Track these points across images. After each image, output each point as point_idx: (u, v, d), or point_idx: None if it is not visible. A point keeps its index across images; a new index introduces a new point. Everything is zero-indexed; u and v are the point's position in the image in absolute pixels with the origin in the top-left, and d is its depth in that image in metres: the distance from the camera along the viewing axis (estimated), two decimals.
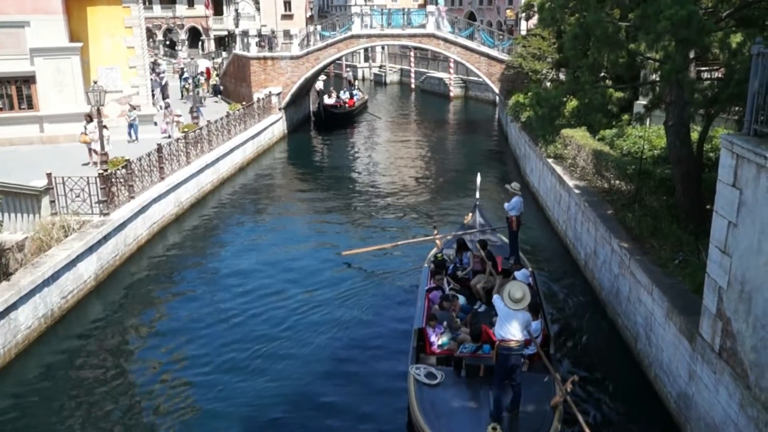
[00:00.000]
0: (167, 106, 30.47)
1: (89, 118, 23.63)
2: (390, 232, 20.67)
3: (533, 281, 13.43)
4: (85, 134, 23.38)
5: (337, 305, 15.46)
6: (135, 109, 28.02)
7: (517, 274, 13.23)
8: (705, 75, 16.19)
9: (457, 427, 9.54)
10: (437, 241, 16.69)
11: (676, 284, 11.74)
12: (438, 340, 11.52)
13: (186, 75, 39.86)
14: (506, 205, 15.95)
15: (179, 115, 29.34)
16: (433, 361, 11.18)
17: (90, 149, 23.14)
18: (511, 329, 9.63)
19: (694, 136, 15.08)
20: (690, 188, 14.22)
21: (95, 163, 21.77)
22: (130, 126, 26.96)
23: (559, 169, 20.57)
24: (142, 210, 19.30)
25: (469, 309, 12.95)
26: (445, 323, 11.82)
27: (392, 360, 12.76)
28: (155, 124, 29.36)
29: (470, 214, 17.87)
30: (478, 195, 18.40)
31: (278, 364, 12.94)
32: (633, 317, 12.96)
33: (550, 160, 21.69)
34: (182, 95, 40.91)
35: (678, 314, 10.64)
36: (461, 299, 13.13)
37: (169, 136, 26.71)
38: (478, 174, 19.21)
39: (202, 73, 41.23)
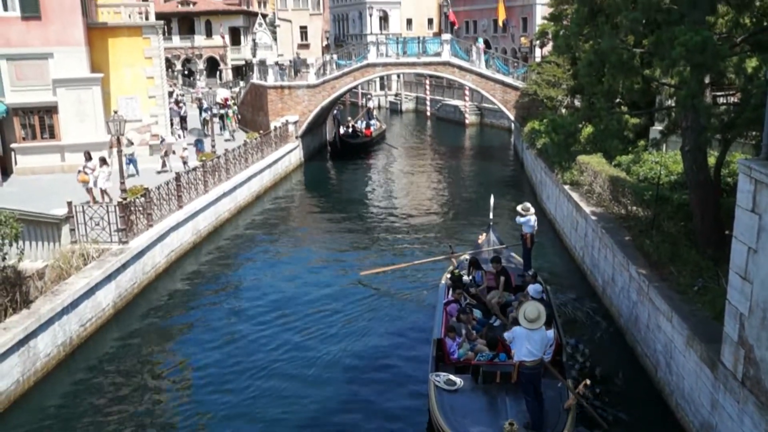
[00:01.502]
0: (162, 140, 28.90)
1: (88, 155, 22.72)
2: (407, 253, 21.18)
3: (546, 295, 13.85)
4: (84, 173, 21.91)
5: (359, 320, 16.21)
6: (132, 144, 27.22)
7: (530, 288, 13.55)
8: (721, 100, 16.16)
9: (474, 427, 10.16)
10: (453, 260, 17.06)
11: (696, 311, 11.62)
12: (456, 350, 12.10)
13: (206, 105, 39.87)
14: (519, 219, 16.72)
15: (185, 148, 28.37)
16: (451, 370, 11.72)
17: (88, 189, 21.56)
18: (531, 349, 10.11)
19: (711, 161, 15.01)
20: (708, 214, 14.12)
21: (95, 201, 20.30)
22: (129, 161, 25.91)
23: (575, 196, 20.51)
24: (161, 238, 19.45)
25: (485, 322, 13.48)
26: (463, 334, 12.47)
27: (413, 368, 13.57)
28: (173, 152, 29.68)
29: (484, 234, 18.47)
30: (491, 216, 18.84)
31: (304, 376, 13.62)
32: (653, 345, 12.81)
33: (566, 187, 21.64)
34: (203, 127, 38.68)
35: (699, 342, 10.51)
36: (477, 313, 13.72)
37: (165, 170, 26.49)
38: (492, 195, 19.46)
39: (229, 107, 40.28)
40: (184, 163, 26.41)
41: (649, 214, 16.33)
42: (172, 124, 34.65)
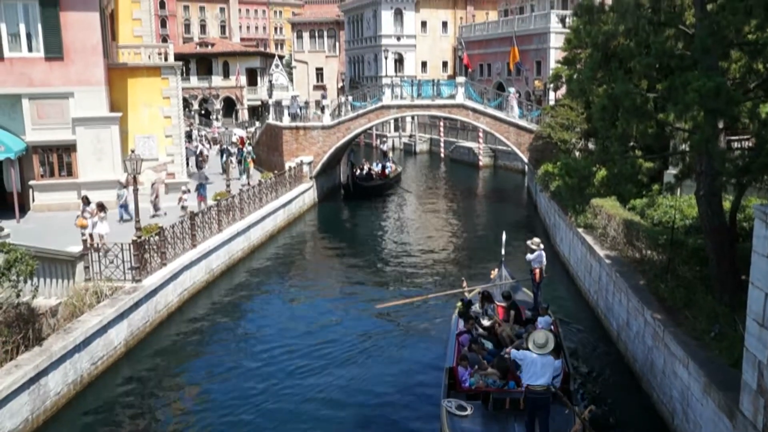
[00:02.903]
0: (153, 184, 27.69)
1: (86, 200, 22.41)
2: (421, 287, 21.93)
3: (555, 327, 14.37)
4: (83, 218, 21.28)
5: (374, 350, 16.87)
6: (126, 187, 25.49)
7: (540, 320, 14.30)
8: (735, 144, 16.14)
9: None
10: (465, 293, 17.47)
11: (713, 357, 11.43)
12: (468, 378, 12.50)
13: (225, 146, 40.01)
14: (528, 256, 17.62)
15: (186, 191, 27.44)
16: (462, 397, 12.11)
17: (87, 234, 19.96)
18: (538, 374, 10.65)
19: (727, 205, 14.93)
20: (724, 259, 13.98)
21: (93, 247, 18.76)
22: (121, 206, 25.47)
23: (589, 239, 20.42)
24: (174, 277, 19.49)
25: (496, 353, 13.73)
26: (475, 364, 12.84)
27: (426, 395, 14.10)
28: (189, 191, 29.91)
29: (496, 269, 18.89)
30: (503, 252, 19.08)
31: (320, 399, 14.29)
32: (669, 391, 12.59)
33: (580, 230, 21.57)
34: (223, 170, 36.96)
35: (716, 390, 10.32)
36: (488, 344, 14.14)
37: (157, 214, 25.73)
38: (504, 232, 19.63)
39: (249, 153, 40.09)
40: (183, 207, 25.78)
41: (664, 258, 16.21)
42: (188, 164, 34.98)
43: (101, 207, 21.70)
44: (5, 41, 26.31)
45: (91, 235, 19.90)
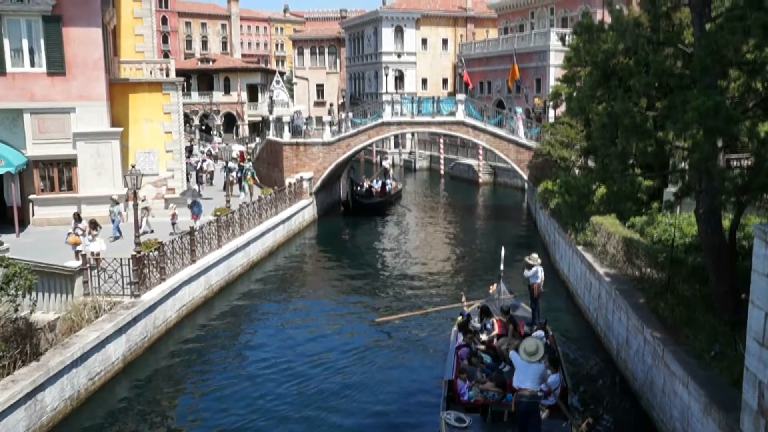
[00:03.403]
0: (142, 200, 26.35)
1: (78, 217, 21.76)
2: (421, 302, 22.00)
3: (552, 341, 14.94)
4: (75, 235, 20.89)
5: (374, 363, 17.04)
6: (118, 203, 25.64)
7: (535, 333, 14.60)
8: (735, 163, 16.16)
9: None
10: (464, 307, 17.63)
11: (713, 377, 11.39)
12: (467, 391, 12.70)
13: (230, 165, 39.84)
14: (527, 272, 17.92)
15: (175, 206, 26.90)
16: (461, 410, 12.30)
17: (77, 252, 19.74)
18: (526, 380, 11.14)
19: (726, 223, 14.93)
20: (724, 277, 13.96)
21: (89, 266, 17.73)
22: (113, 221, 25.02)
23: (589, 257, 20.40)
24: (173, 292, 19.45)
25: (494, 366, 13.96)
26: (474, 377, 13.08)
27: (425, 407, 14.30)
28: (189, 207, 29.92)
29: (494, 284, 18.97)
30: (502, 267, 19.17)
31: (323, 408, 14.54)
32: (669, 410, 12.52)
33: (579, 248, 21.55)
34: (225, 187, 35.23)
35: (717, 409, 10.27)
36: (487, 358, 14.33)
37: (144, 232, 24.46)
38: (503, 248, 19.77)
39: (248, 170, 39.85)
40: (173, 224, 25.79)
41: (664, 276, 16.19)
42: (188, 179, 35.00)
43: (94, 224, 21.25)
44: (8, 56, 26.46)
45: (84, 255, 18.15)
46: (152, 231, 25.63)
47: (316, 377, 16.18)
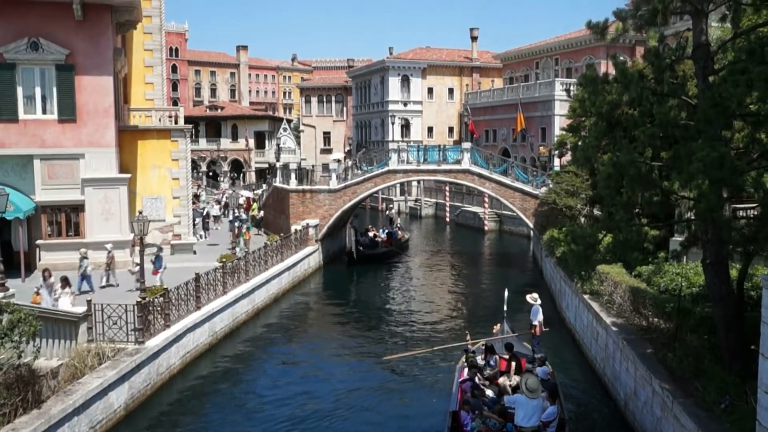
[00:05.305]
0: (108, 253, 25.11)
1: (48, 273, 20.44)
2: (426, 342, 22.57)
3: (552, 376, 15.52)
4: (37, 294, 19.56)
5: (381, 397, 18.01)
6: (86, 258, 24.21)
7: (538, 370, 15.33)
8: (741, 213, 16.17)
9: None
10: (469, 345, 18.04)
11: (724, 430, 11.19)
12: (470, 422, 13.12)
13: (234, 210, 39.84)
14: (531, 314, 19.31)
15: (137, 264, 21.47)
16: None
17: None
18: (527, 415, 12.06)
19: (733, 273, 14.86)
20: (732, 328, 13.84)
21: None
22: (82, 277, 23.77)
23: (595, 306, 20.28)
24: (177, 339, 19.35)
25: (497, 400, 14.42)
26: (477, 409, 13.44)
27: None
28: (194, 253, 29.98)
29: (498, 324, 19.56)
30: (505, 308, 19.97)
31: None
32: None
33: (586, 297, 21.43)
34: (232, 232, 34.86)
35: None
36: (490, 392, 14.86)
37: (110, 285, 24.05)
38: (506, 289, 20.69)
39: (247, 218, 39.32)
40: (138, 280, 21.03)
41: (671, 326, 16.05)
42: (194, 225, 35.12)
43: (65, 281, 20.11)
44: (21, 104, 26.87)
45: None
46: (117, 285, 24.53)
47: (324, 414, 16.78)
